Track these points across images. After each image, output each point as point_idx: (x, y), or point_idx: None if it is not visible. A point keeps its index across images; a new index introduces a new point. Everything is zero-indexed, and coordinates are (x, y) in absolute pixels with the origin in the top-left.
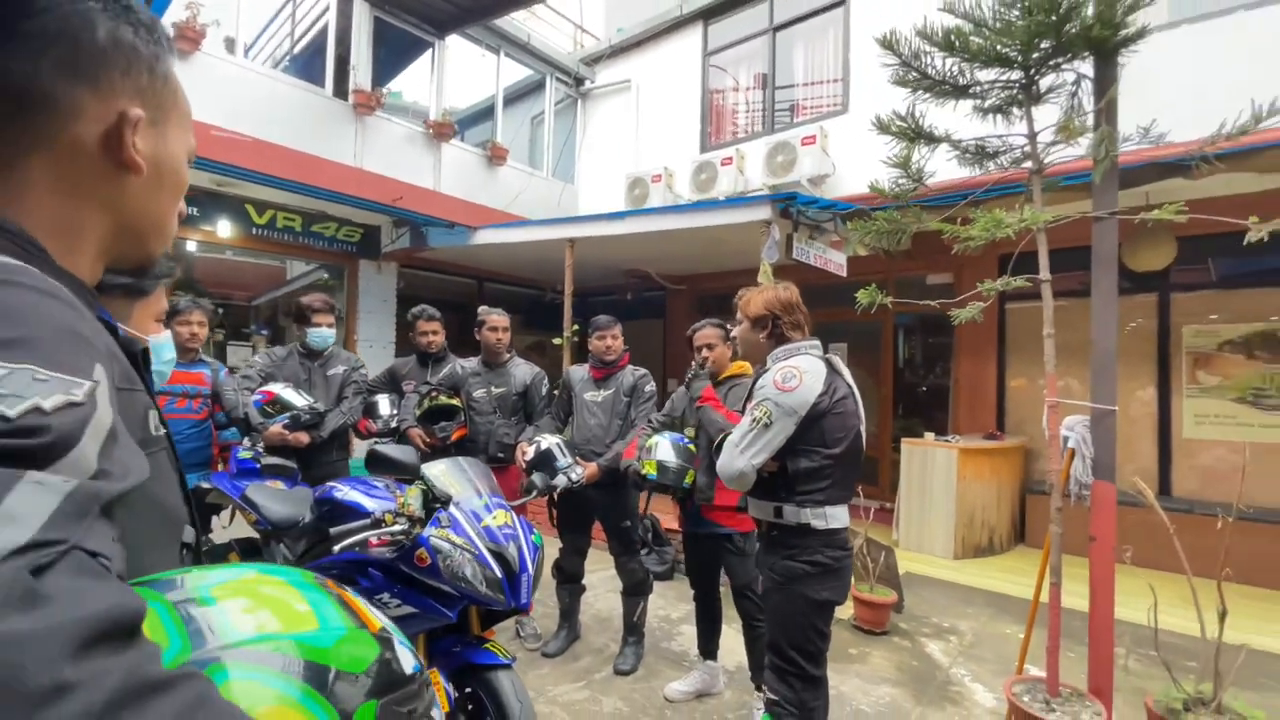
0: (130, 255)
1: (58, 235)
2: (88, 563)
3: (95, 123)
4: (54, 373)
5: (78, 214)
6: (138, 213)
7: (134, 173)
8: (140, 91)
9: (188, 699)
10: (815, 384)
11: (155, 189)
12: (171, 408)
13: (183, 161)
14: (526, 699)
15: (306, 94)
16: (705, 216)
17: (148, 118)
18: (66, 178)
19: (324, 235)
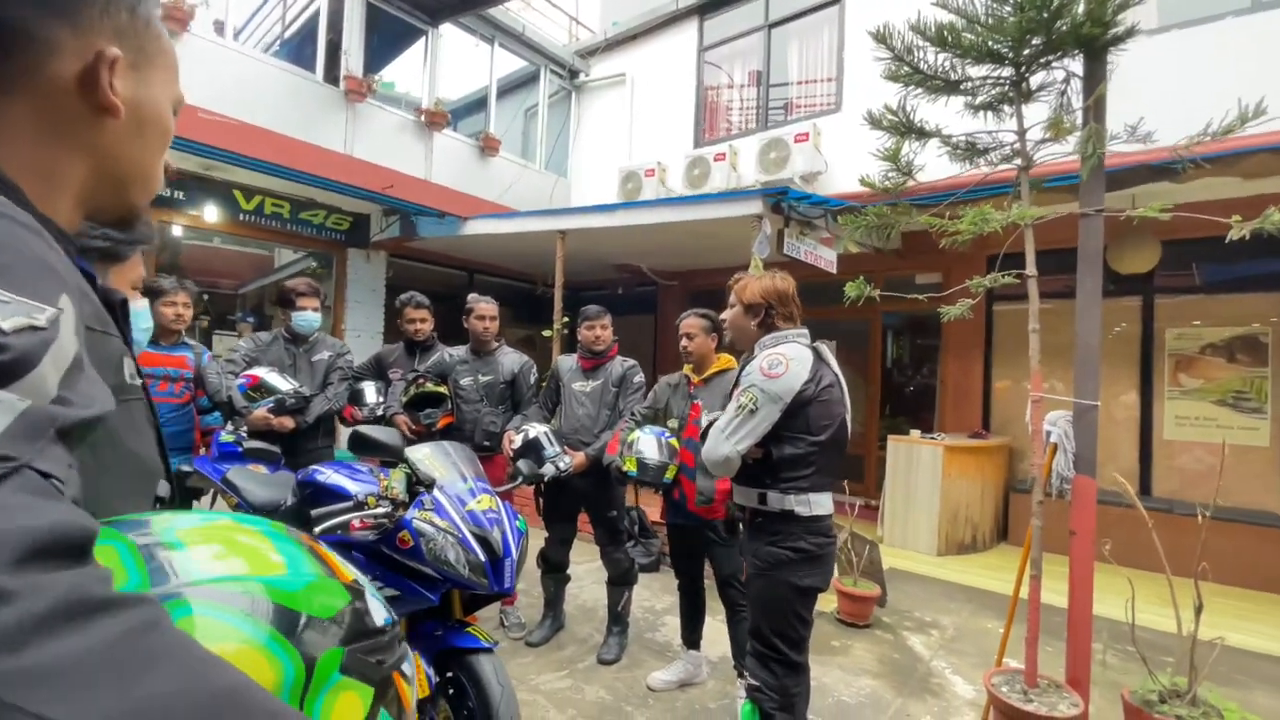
0: (110, 205)
1: (34, 178)
2: (38, 482)
3: (73, 60)
4: (16, 295)
5: (55, 157)
6: (117, 159)
7: (112, 115)
8: (119, 32)
9: (136, 622)
10: (801, 371)
11: (135, 135)
12: (153, 390)
13: (166, 109)
14: (508, 683)
15: (297, 79)
16: (697, 210)
17: (127, 60)
18: (44, 119)
19: (312, 223)
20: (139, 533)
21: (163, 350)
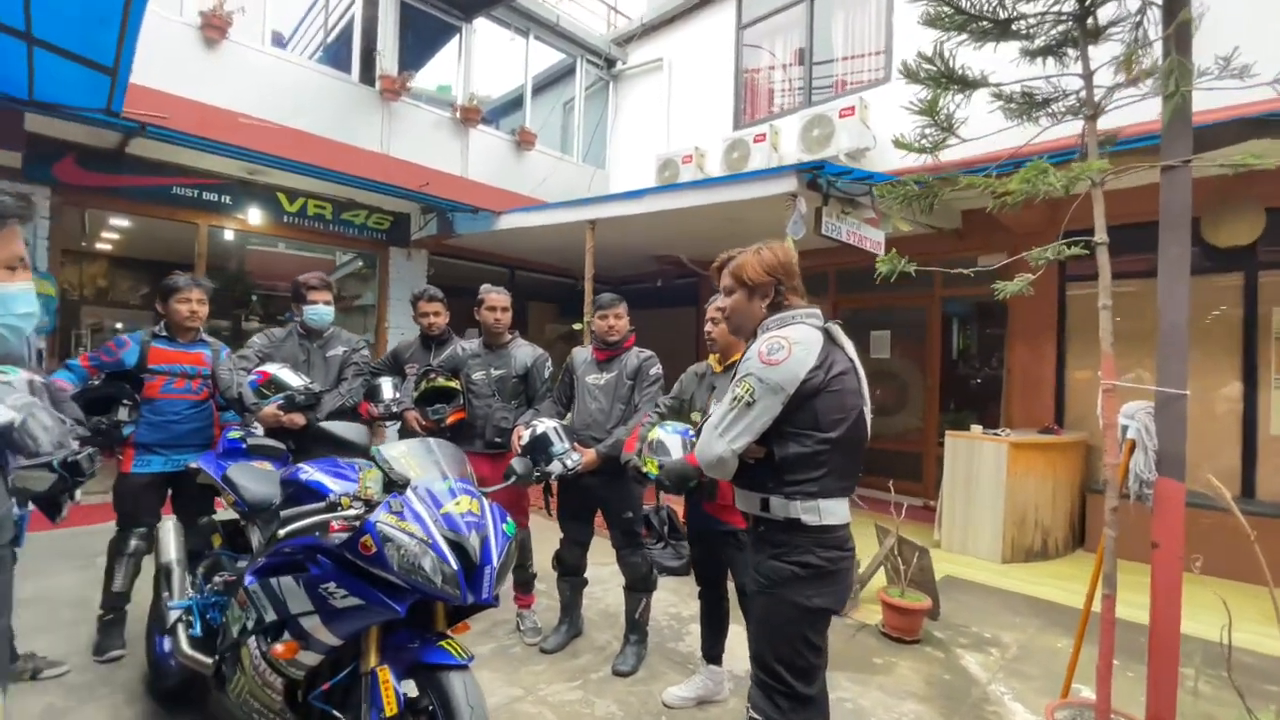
0: None
1: None
2: None
3: None
4: None
5: None
6: None
7: None
8: None
9: None
10: (806, 357)
11: None
12: (170, 388)
13: None
14: (480, 703)
15: (334, 81)
16: (725, 191)
17: None
18: None
19: (354, 223)
20: None
21: (180, 347)
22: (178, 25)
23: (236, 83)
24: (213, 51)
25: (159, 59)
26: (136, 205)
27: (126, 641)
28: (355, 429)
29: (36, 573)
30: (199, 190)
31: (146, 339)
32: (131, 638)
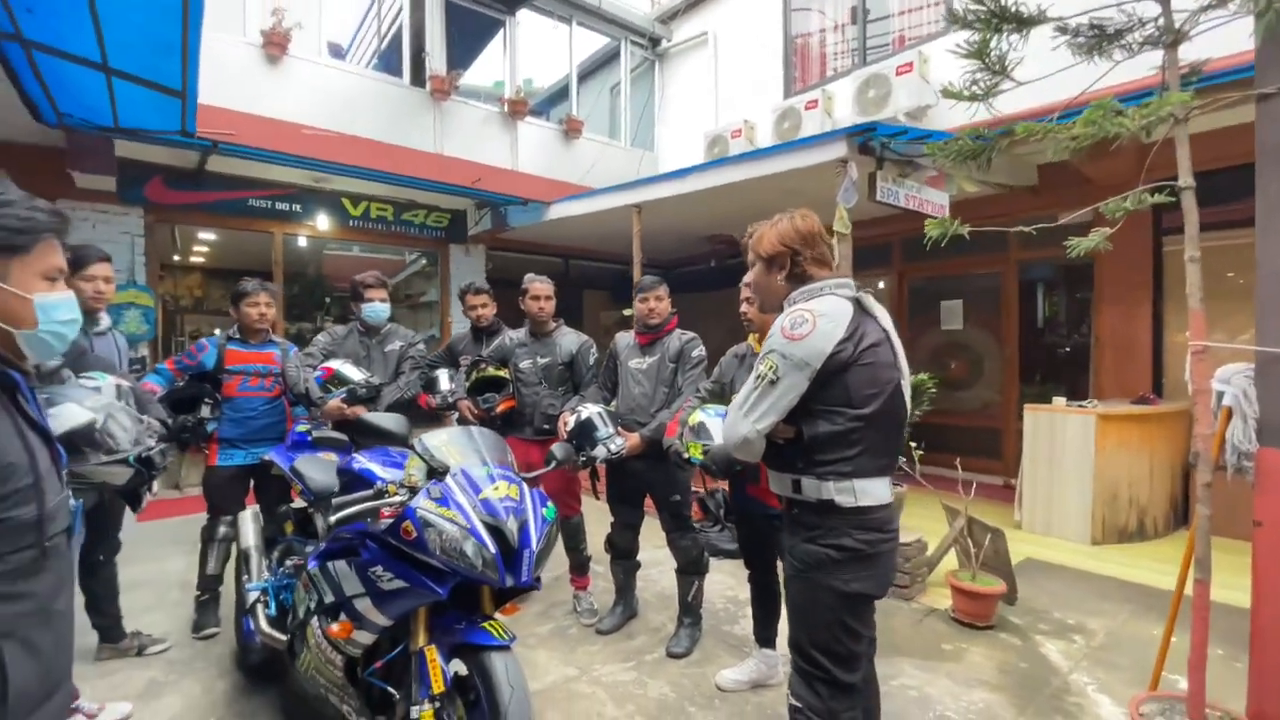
0: None
1: None
2: None
3: None
4: None
5: None
6: None
7: None
8: None
9: None
10: (833, 330)
11: None
12: (246, 386)
13: None
14: (520, 683)
15: (387, 86)
16: (768, 163)
17: None
18: None
19: (414, 223)
20: None
21: (251, 348)
22: (242, 46)
23: (298, 95)
24: (275, 68)
25: (227, 79)
26: (218, 218)
27: (220, 620)
28: (395, 419)
29: (149, 558)
30: (272, 201)
31: (223, 342)
32: (225, 617)
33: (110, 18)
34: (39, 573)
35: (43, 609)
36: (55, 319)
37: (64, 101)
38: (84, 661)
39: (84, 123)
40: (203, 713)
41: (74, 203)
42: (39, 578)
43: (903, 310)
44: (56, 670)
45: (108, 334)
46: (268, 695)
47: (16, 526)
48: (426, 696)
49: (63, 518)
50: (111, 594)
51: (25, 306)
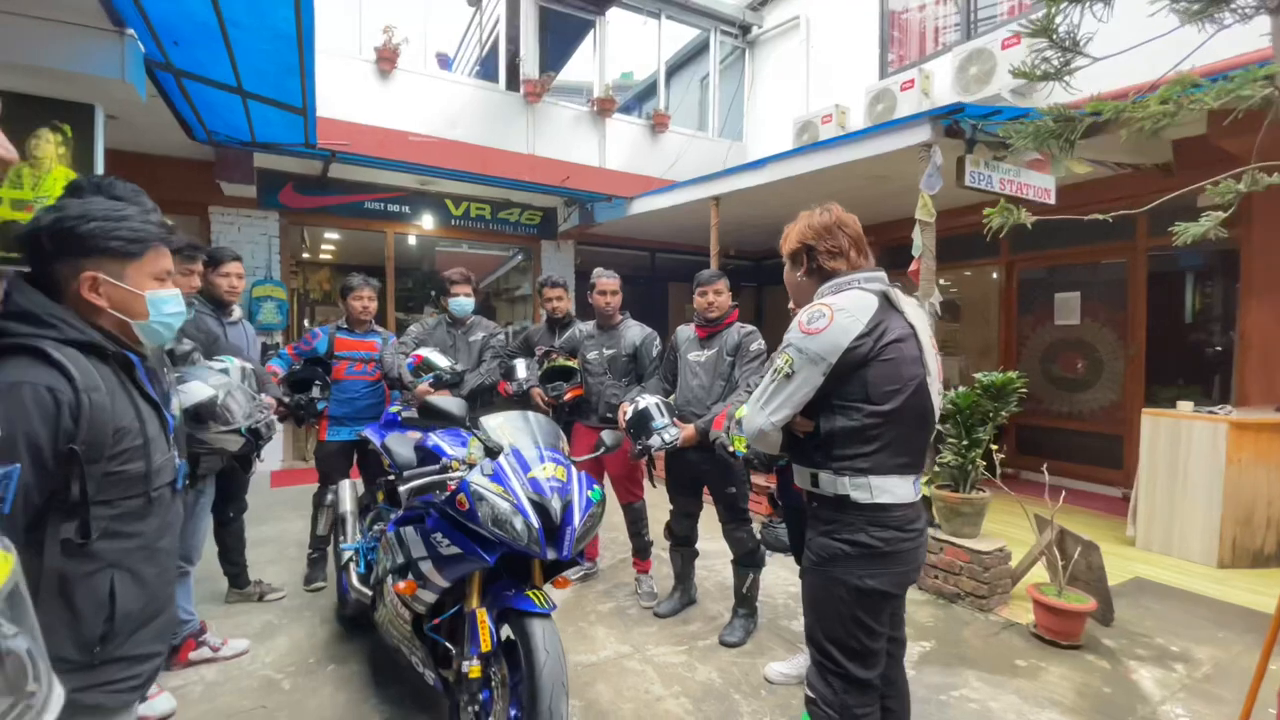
0: None
1: None
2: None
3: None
4: None
5: None
6: None
7: None
8: None
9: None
10: (850, 324)
11: None
12: (351, 370)
13: None
14: (555, 648)
15: (485, 92)
16: (845, 151)
17: None
18: None
19: (509, 220)
20: None
21: (356, 337)
22: (358, 62)
23: (406, 105)
24: (386, 81)
25: (345, 94)
26: (339, 220)
27: (327, 576)
28: (454, 402)
29: (277, 519)
30: (384, 203)
31: (333, 331)
32: (331, 573)
33: (241, 47)
34: (146, 517)
35: (147, 547)
36: (163, 312)
37: (211, 121)
38: (215, 603)
39: (228, 139)
40: (304, 654)
41: (223, 208)
42: (145, 521)
43: (1011, 304)
44: (158, 599)
45: (239, 323)
46: (358, 643)
47: (127, 478)
48: (475, 653)
49: (167, 473)
50: (239, 546)
51: (139, 302)
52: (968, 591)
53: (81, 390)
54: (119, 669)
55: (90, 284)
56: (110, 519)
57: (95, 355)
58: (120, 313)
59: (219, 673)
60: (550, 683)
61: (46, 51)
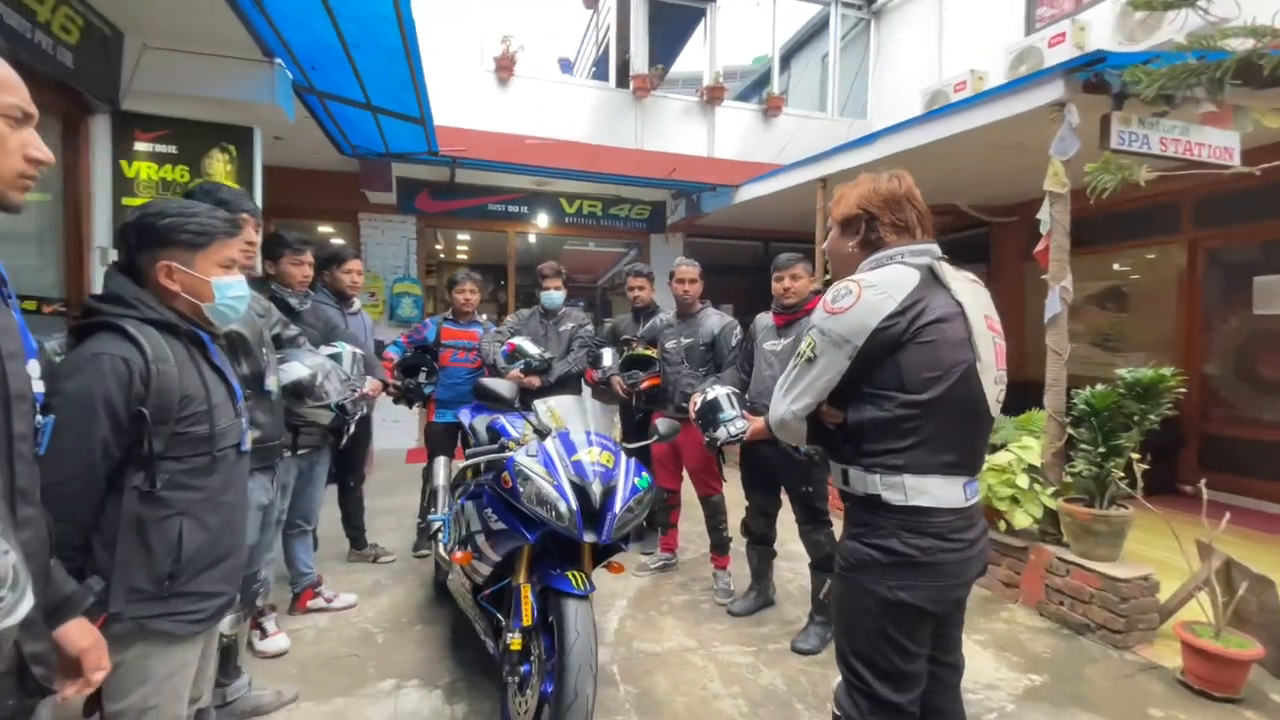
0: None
1: None
2: None
3: None
4: None
5: None
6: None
7: None
8: None
9: None
10: (881, 302)
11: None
12: (455, 358)
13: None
14: (586, 629)
15: (595, 92)
16: (957, 119)
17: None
18: None
19: (620, 216)
20: None
21: (460, 327)
22: (479, 72)
23: (523, 110)
24: (504, 88)
25: (468, 103)
26: (466, 222)
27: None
28: (506, 385)
29: (404, 491)
30: (505, 205)
31: (440, 321)
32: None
33: (363, 66)
34: (211, 473)
35: (212, 499)
36: (227, 295)
37: (352, 136)
38: (339, 561)
39: (368, 152)
40: (400, 613)
41: (369, 215)
42: (211, 477)
43: (1194, 289)
44: (222, 545)
45: (359, 313)
46: (447, 609)
47: (193, 438)
48: (518, 626)
49: (232, 436)
50: (359, 513)
51: (206, 287)
52: (1099, 623)
53: (151, 361)
54: (186, 603)
55: (166, 271)
56: (179, 473)
57: (169, 332)
58: (191, 296)
59: (329, 621)
60: (578, 662)
61: (212, 83)
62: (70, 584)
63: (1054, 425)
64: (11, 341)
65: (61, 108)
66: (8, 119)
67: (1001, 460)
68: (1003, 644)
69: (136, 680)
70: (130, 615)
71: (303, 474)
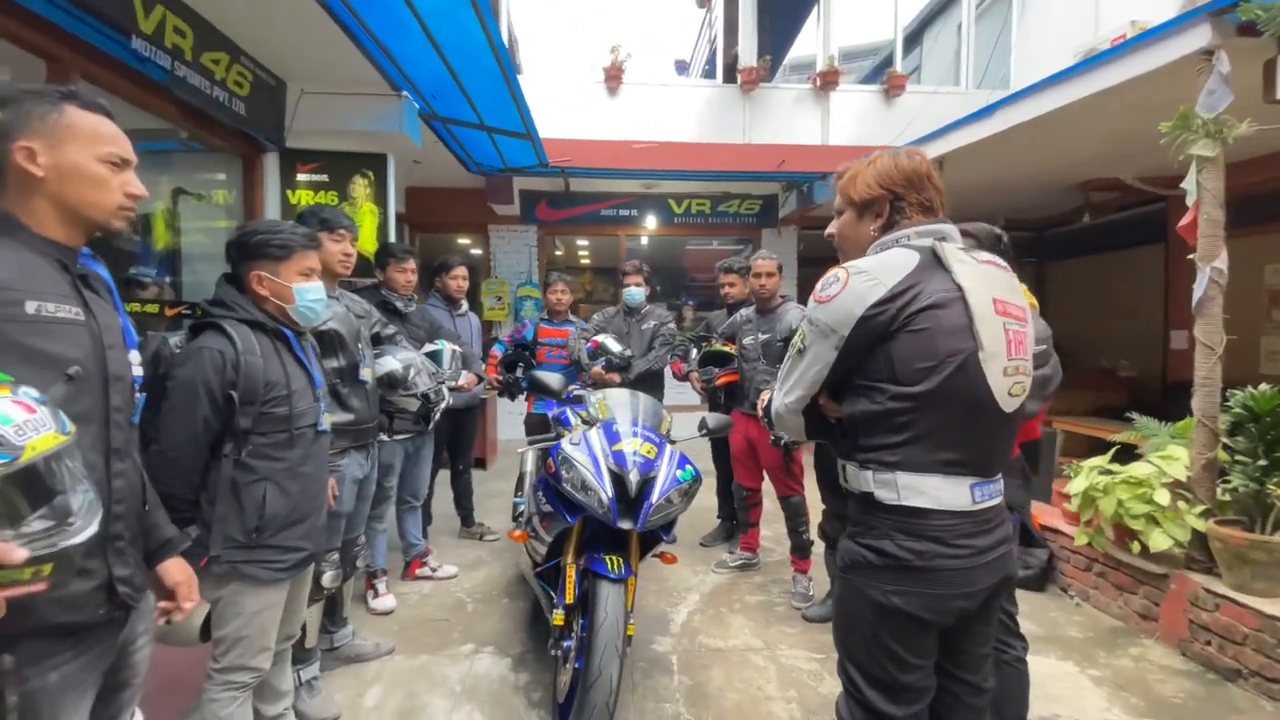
0: (84, 224)
1: (26, 216)
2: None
3: (13, 154)
4: None
5: (31, 200)
6: (59, 195)
7: (37, 175)
8: (35, 133)
9: None
10: (869, 289)
11: (64, 183)
12: (550, 355)
13: (84, 162)
14: (616, 611)
15: (702, 90)
16: (1081, 82)
17: (44, 143)
18: (17, 185)
19: (729, 212)
20: None
21: (554, 326)
22: (590, 83)
23: (631, 115)
24: (614, 97)
25: (581, 115)
26: (581, 228)
27: None
28: (555, 378)
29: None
30: (616, 209)
31: (538, 321)
32: None
33: (472, 91)
34: (291, 448)
35: (291, 469)
36: (306, 299)
37: (476, 155)
38: (450, 536)
39: (490, 168)
40: (492, 586)
41: (496, 225)
42: (290, 450)
43: None
44: (301, 509)
45: (466, 315)
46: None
47: (275, 418)
48: (561, 603)
49: (309, 417)
50: (468, 493)
51: (288, 291)
52: (1253, 670)
53: (241, 354)
54: (270, 553)
55: (257, 279)
56: (263, 445)
57: (259, 329)
58: (277, 299)
59: (432, 589)
60: (604, 642)
61: (353, 118)
62: (171, 530)
63: (1204, 432)
64: (113, 336)
65: (241, 149)
66: (110, 164)
67: (1139, 472)
68: (1123, 683)
69: (233, 614)
70: (226, 559)
71: (409, 456)
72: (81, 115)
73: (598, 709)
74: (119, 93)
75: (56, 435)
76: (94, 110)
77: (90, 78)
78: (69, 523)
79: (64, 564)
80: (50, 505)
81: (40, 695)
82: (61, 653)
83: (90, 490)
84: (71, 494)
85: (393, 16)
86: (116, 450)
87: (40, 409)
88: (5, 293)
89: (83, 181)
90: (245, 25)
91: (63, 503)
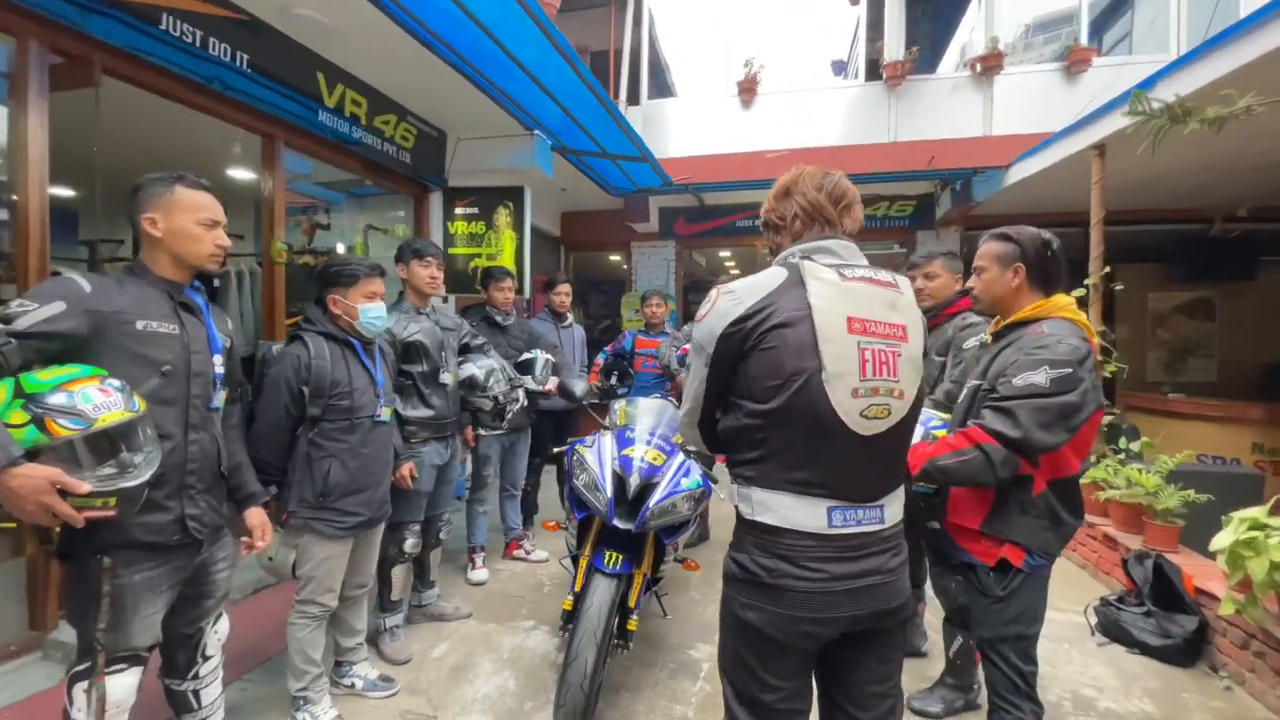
0: (188, 266)
1: (151, 264)
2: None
3: (144, 224)
4: (30, 302)
5: (154, 253)
6: (172, 248)
7: (156, 235)
8: (156, 207)
9: None
10: (730, 307)
11: (174, 239)
12: (645, 365)
13: (187, 225)
14: (600, 603)
15: (842, 92)
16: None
17: (161, 214)
18: (147, 243)
19: (876, 216)
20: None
21: (649, 337)
22: (725, 99)
23: (763, 126)
24: (747, 110)
25: (719, 130)
26: (717, 240)
27: None
28: (581, 385)
29: None
30: (751, 220)
31: (635, 333)
32: None
33: (587, 124)
34: (351, 433)
35: (351, 450)
36: (369, 317)
37: (609, 179)
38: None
39: (625, 190)
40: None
41: (638, 242)
42: (351, 435)
43: None
44: (358, 481)
45: (571, 327)
46: None
47: (339, 409)
48: (572, 591)
49: (368, 410)
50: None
51: (355, 310)
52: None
53: (313, 358)
54: (333, 515)
55: (333, 301)
56: (330, 430)
57: (330, 340)
58: (347, 316)
59: (523, 569)
60: (585, 631)
61: (496, 158)
62: (256, 486)
63: None
64: (199, 344)
65: (413, 190)
66: (204, 225)
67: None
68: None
69: (306, 558)
70: (300, 515)
71: (506, 450)
72: (186, 192)
73: (572, 687)
74: (312, 153)
75: (124, 413)
76: (195, 188)
77: (293, 146)
78: (129, 472)
79: (126, 500)
80: (116, 459)
81: (126, 589)
82: (144, 563)
83: (155, 451)
84: (136, 453)
85: (510, 72)
86: (193, 425)
87: (115, 394)
88: (123, 315)
89: (186, 238)
90: (408, 91)
91: (127, 458)
